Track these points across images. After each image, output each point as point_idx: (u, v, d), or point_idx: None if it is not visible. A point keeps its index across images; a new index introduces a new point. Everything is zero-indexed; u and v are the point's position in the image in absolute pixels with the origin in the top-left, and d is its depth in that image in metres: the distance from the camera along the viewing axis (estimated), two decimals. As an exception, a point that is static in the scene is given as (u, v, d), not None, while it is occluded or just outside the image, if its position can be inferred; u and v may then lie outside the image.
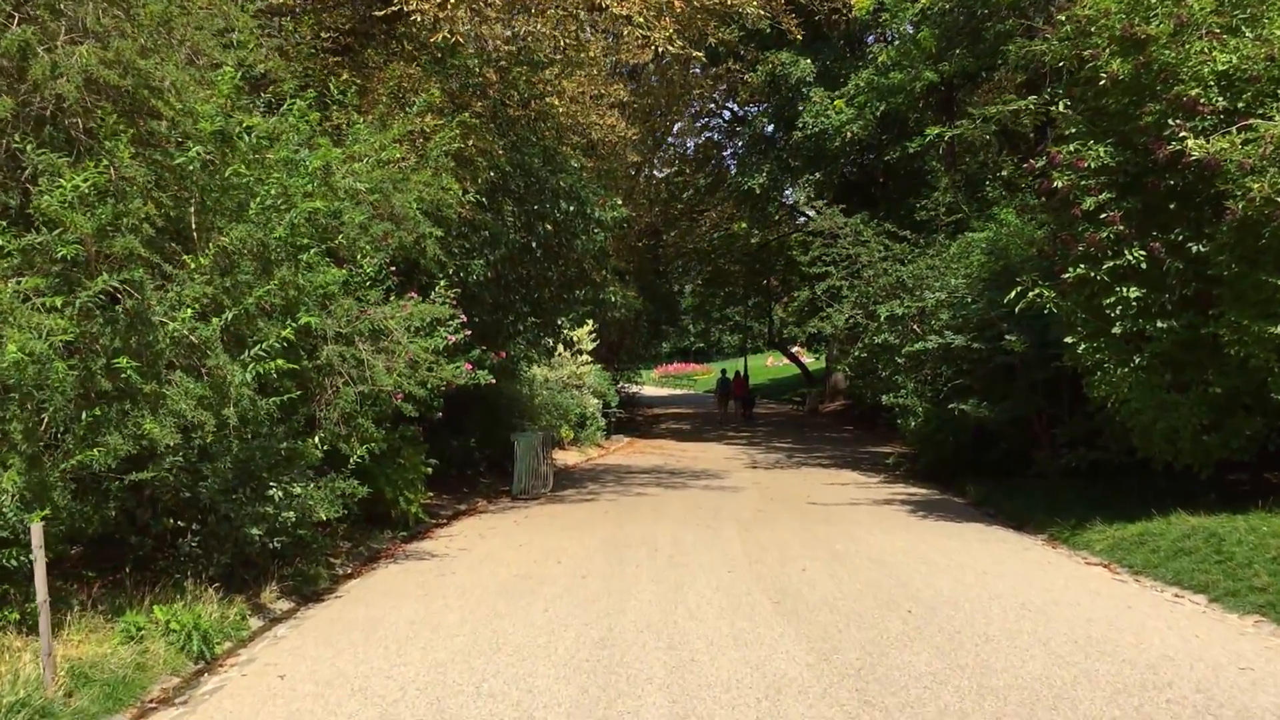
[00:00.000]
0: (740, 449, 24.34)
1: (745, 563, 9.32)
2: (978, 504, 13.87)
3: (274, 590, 7.95)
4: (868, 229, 18.14)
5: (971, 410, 14.37)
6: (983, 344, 14.50)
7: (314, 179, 7.66)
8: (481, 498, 14.87)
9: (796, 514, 12.78)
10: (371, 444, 9.03)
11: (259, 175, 6.80)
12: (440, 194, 9.44)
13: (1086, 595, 7.93)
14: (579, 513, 13.16)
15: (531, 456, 15.01)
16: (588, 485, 16.63)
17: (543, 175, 13.53)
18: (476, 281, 12.82)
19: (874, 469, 18.87)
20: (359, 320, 8.63)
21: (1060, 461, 14.05)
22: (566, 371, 24.74)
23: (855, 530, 11.31)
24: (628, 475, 18.26)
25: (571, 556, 9.77)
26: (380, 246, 9.06)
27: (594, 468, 20.22)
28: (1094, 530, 10.40)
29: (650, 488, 16.10)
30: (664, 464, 20.57)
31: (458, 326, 11.18)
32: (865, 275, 17.86)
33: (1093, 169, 10.11)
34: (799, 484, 16.52)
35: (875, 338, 17.21)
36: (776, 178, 23.70)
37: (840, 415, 36.25)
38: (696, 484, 16.61)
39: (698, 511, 13.06)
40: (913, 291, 17.11)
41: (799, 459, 21.40)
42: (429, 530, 11.75)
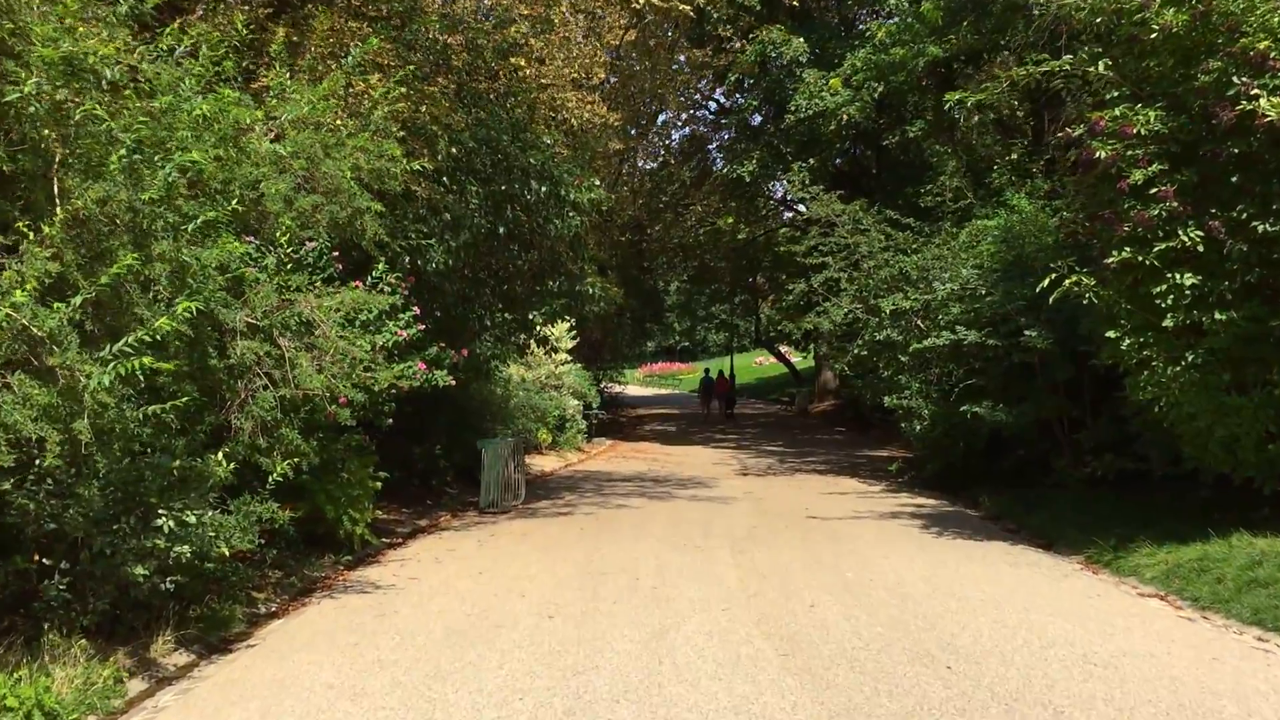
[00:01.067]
0: (729, 453, 22.96)
1: (742, 596, 7.91)
2: (995, 517, 12.51)
3: (169, 640, 6.49)
4: (868, 216, 16.78)
5: (986, 413, 13.02)
6: (998, 340, 13.15)
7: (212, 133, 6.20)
8: (446, 511, 13.42)
9: (796, 530, 11.39)
10: (298, 458, 7.59)
11: (127, 123, 5.32)
12: (382, 162, 7.97)
13: (1157, 641, 6.56)
14: (552, 530, 11.73)
15: (501, 465, 13.57)
16: (564, 495, 15.19)
17: (511, 152, 12.09)
18: (436, 270, 11.37)
19: (874, 475, 17.51)
20: (281, 311, 7.17)
21: (1084, 470, 12.74)
22: (544, 371, 23.31)
23: (865, 551, 9.93)
24: (608, 483, 16.83)
25: (538, 588, 8.34)
26: (308, 224, 7.59)
27: (573, 475, 18.79)
28: (1140, 553, 9.04)
29: (632, 498, 14.68)
30: (648, 470, 19.16)
31: (409, 320, 9.74)
32: (865, 266, 16.49)
33: (1141, 136, 8.75)
34: (794, 493, 15.13)
35: (876, 334, 15.85)
36: (767, 165, 22.30)
37: (831, 416, 34.97)
38: (683, 493, 15.20)
39: (685, 528, 11.65)
40: (917, 284, 15.76)
41: (791, 464, 20.03)
42: (379, 553, 10.30)
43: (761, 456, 21.89)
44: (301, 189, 7.67)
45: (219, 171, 7.05)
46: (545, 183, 12.06)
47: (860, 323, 16.39)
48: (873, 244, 16.49)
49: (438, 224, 11.58)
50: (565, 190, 12.22)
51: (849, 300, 16.29)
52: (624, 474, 18.49)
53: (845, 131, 21.01)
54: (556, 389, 23.64)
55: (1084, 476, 12.71)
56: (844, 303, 16.26)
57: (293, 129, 7.75)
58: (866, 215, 16.69)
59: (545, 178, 12.10)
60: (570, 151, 13.29)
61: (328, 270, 9.28)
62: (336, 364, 7.52)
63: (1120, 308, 9.14)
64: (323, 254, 9.42)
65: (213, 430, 7.12)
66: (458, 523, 12.55)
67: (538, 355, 22.44)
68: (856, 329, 16.59)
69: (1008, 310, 13.16)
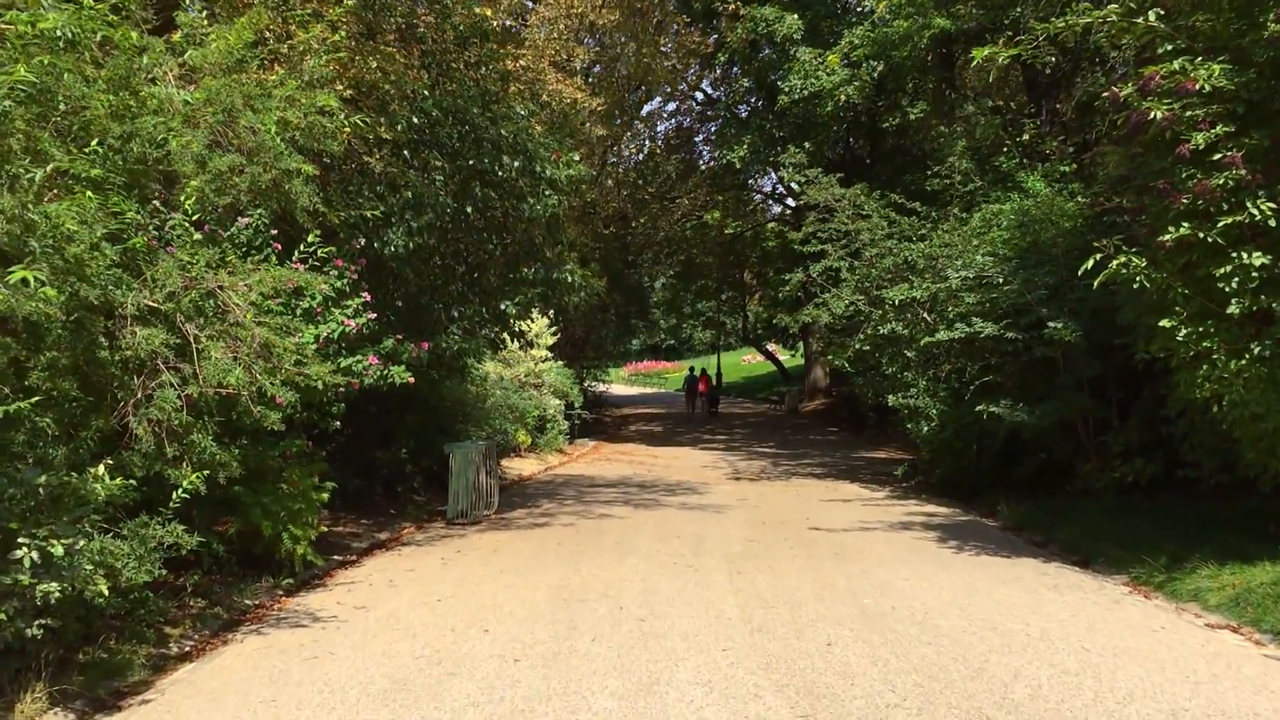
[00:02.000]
0: (718, 454, 21.75)
1: (745, 631, 6.69)
2: (1016, 528, 11.34)
3: (40, 697, 5.22)
4: (869, 200, 15.57)
5: (1005, 413, 11.84)
6: (1018, 333, 11.98)
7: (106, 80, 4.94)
8: (411, 523, 12.16)
9: (799, 545, 10.18)
10: (215, 469, 6.33)
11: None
12: (316, 118, 6.70)
13: (1254, 693, 5.37)
14: (526, 545, 10.48)
15: (472, 472, 12.30)
16: (542, 503, 13.94)
17: (481, 124, 10.83)
18: (395, 254, 10.11)
19: (876, 480, 16.33)
20: (189, 292, 5.90)
21: (1112, 476, 11.59)
22: (524, 369, 22.05)
23: (880, 571, 8.72)
24: (591, 489, 15.60)
25: (505, 620, 7.10)
26: (226, 189, 6.31)
27: (553, 479, 17.54)
28: (1199, 574, 7.88)
29: (616, 506, 13.44)
30: (633, 474, 17.93)
31: (359, 307, 8.48)
32: (867, 255, 15.30)
33: (1203, 94, 7.58)
34: (793, 500, 13.93)
35: (880, 327, 14.67)
36: (759, 150, 21.08)
37: (823, 415, 33.86)
38: (671, 501, 13.98)
39: (675, 542, 10.43)
40: (924, 273, 14.58)
41: (786, 467, 18.83)
42: (327, 574, 9.03)
43: (753, 459, 20.70)
44: (219, 146, 6.41)
45: (114, 124, 5.79)
46: (518, 157, 10.81)
47: (862, 315, 15.20)
48: (874, 231, 15.30)
49: (397, 202, 10.32)
50: (540, 166, 10.97)
51: (850, 291, 15.09)
52: (608, 478, 17.26)
53: (842, 114, 19.80)
54: (537, 388, 22.38)
55: (1111, 483, 11.58)
56: (845, 294, 15.06)
57: (210, 77, 6.48)
58: (868, 200, 15.50)
59: (518, 152, 10.85)
60: (547, 127, 12.01)
61: (265, 251, 8.03)
62: (259, 356, 6.26)
63: (1176, 292, 7.96)
64: (258, 231, 8.16)
65: (103, 437, 5.85)
66: (422, 536, 11.29)
67: (514, 351, 21.18)
68: (858, 322, 15.40)
69: (1027, 300, 12.00)
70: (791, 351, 51.24)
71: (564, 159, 11.19)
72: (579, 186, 12.30)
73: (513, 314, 11.33)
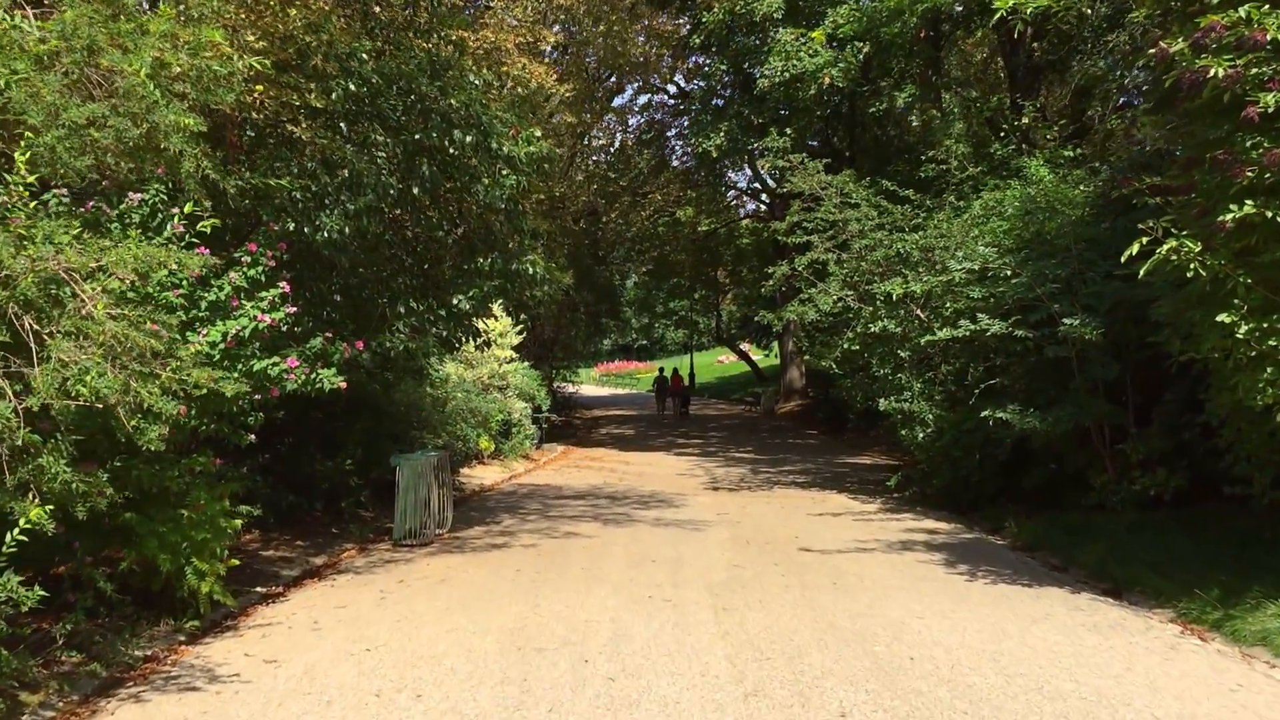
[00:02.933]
0: (694, 460, 20.53)
1: (737, 696, 5.45)
2: (1028, 548, 10.20)
3: None
4: (858, 188, 14.40)
5: (1015, 419, 10.69)
6: (1027, 331, 10.84)
7: None
8: (353, 544, 10.83)
9: (791, 571, 8.97)
10: (70, 500, 5.02)
11: None
12: (203, 60, 5.40)
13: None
14: (480, 572, 9.21)
15: (423, 487, 10.98)
16: (503, 519, 12.65)
17: (429, 94, 9.54)
18: (329, 241, 8.80)
19: (865, 490, 15.17)
20: (24, 276, 4.58)
21: (1131, 489, 10.49)
22: (487, 370, 20.73)
23: (889, 607, 7.53)
24: (556, 502, 14.33)
25: (445, 679, 5.83)
26: (85, 147, 4.99)
27: (516, 490, 16.25)
28: (1265, 612, 6.75)
29: (584, 522, 12.18)
30: (603, 483, 16.68)
31: (277, 300, 7.17)
32: (855, 247, 14.13)
33: (1276, 47, 6.44)
34: (778, 514, 12.73)
35: (871, 325, 13.50)
36: (736, 139, 19.86)
37: (800, 417, 32.82)
38: (645, 515, 12.74)
39: (649, 568, 9.19)
40: (918, 266, 13.43)
41: (767, 474, 17.65)
42: (242, 613, 7.70)
43: (731, 465, 19.50)
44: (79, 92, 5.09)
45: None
46: (471, 131, 9.52)
47: (851, 312, 14.03)
48: (864, 221, 14.13)
49: (332, 182, 9.01)
50: (497, 142, 9.69)
51: (838, 286, 13.92)
52: (576, 488, 16.00)
53: (826, 97, 18.63)
54: (501, 390, 21.08)
55: (1131, 496, 10.48)
56: (833, 288, 13.88)
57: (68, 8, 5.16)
58: (856, 187, 14.32)
59: (471, 125, 9.56)
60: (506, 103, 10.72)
61: (164, 232, 6.70)
62: (133, 358, 4.95)
63: (1236, 282, 6.81)
64: (156, 211, 6.84)
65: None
66: (363, 561, 9.97)
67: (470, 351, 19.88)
68: (846, 320, 14.23)
69: (1037, 295, 10.86)
70: (766, 351, 50.24)
71: (524, 135, 9.91)
72: (541, 166, 11.01)
73: (467, 309, 10.02)
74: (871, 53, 17.52)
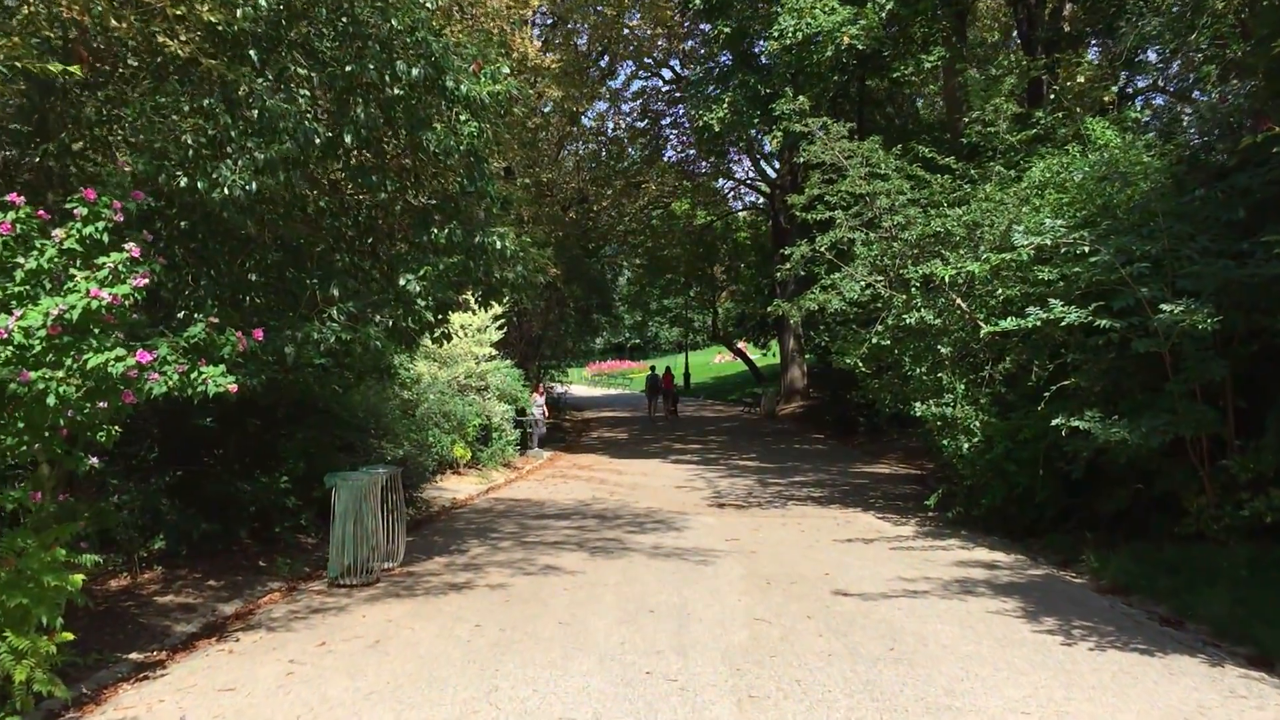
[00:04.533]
0: (693, 469, 18.47)
1: None
2: (1119, 590, 8.18)
3: None
4: (887, 157, 12.34)
5: (1098, 430, 8.64)
6: (1112, 321, 8.80)
7: None
8: (281, 581, 8.76)
9: (830, 628, 6.93)
10: None
11: None
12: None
13: None
14: (428, 629, 7.15)
15: (367, 513, 8.88)
16: (470, 545, 10.60)
17: (364, 17, 7.47)
18: (229, 201, 6.73)
19: (893, 506, 13.14)
20: None
21: (1239, 514, 8.49)
22: (463, 370, 18.66)
23: (976, 691, 5.48)
24: (537, 522, 12.27)
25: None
26: None
27: (492, 506, 14.18)
28: None
29: (567, 551, 10.14)
30: (592, 498, 14.63)
31: (120, 269, 5.11)
32: (885, 226, 12.09)
33: None
34: (799, 541, 10.69)
35: (905, 316, 11.45)
36: (741, 111, 17.76)
37: (803, 419, 30.83)
38: (640, 542, 10.69)
39: (647, 625, 7.14)
40: (958, 248, 11.41)
41: (777, 486, 15.61)
42: (92, 702, 5.62)
43: (735, 475, 17.45)
44: None
45: None
46: (419, 64, 7.45)
47: (880, 301, 11.99)
48: (894, 195, 12.08)
49: (237, 125, 6.95)
50: (452, 79, 7.62)
51: (866, 270, 11.87)
52: (560, 505, 13.95)
53: (844, 61, 16.54)
54: (480, 391, 19.02)
55: (1237, 523, 8.47)
56: (860, 273, 11.83)
57: None
58: (886, 156, 12.27)
59: (419, 56, 7.50)
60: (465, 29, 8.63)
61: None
62: None
63: None
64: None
65: None
66: (284, 609, 7.89)
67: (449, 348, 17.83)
68: (874, 311, 12.20)
69: (1119, 277, 8.83)
70: (764, 351, 48.16)
71: (488, 71, 7.84)
72: (510, 111, 8.94)
73: (417, 292, 7.93)
74: (896, 7, 15.46)
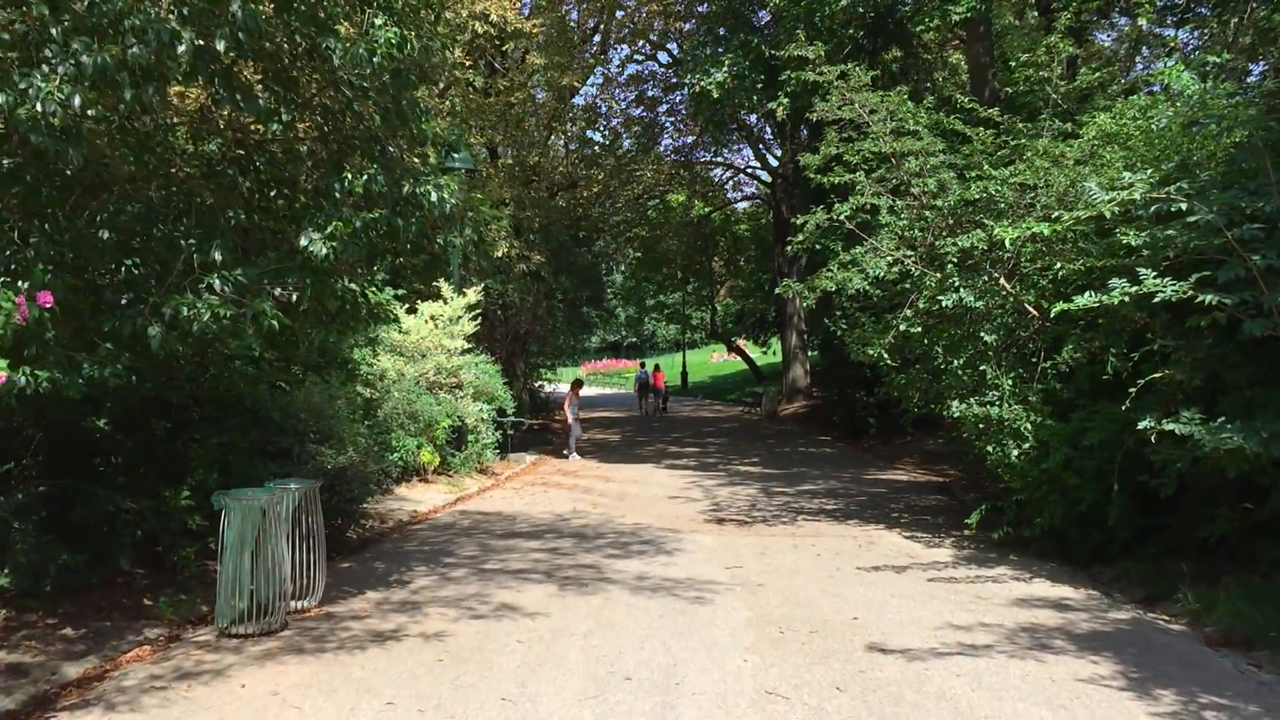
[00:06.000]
0: (689, 476, 16.56)
1: None
2: (1239, 643, 6.28)
3: None
4: (919, 111, 10.44)
5: (1203, 435, 6.74)
6: (1219, 297, 6.91)
7: None
8: (162, 628, 6.85)
9: (871, 711, 5.03)
10: None
11: None
12: None
13: None
14: (320, 711, 5.25)
15: (273, 543, 6.93)
16: (414, 575, 8.69)
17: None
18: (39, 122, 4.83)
19: (920, 522, 11.24)
20: None
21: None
22: (432, 365, 16.74)
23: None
24: (504, 542, 10.37)
25: None
26: None
27: (455, 521, 12.27)
28: None
29: (531, 584, 8.24)
30: (572, 511, 12.73)
31: None
32: (916, 191, 10.20)
33: None
34: (815, 569, 8.79)
35: (941, 298, 9.55)
36: (743, 74, 15.83)
37: (806, 419, 28.98)
38: (623, 571, 8.79)
39: (620, 701, 5.25)
40: (1005, 215, 9.52)
41: (784, 497, 13.71)
42: None
43: (736, 482, 15.55)
44: None
45: None
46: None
47: (910, 280, 10.10)
48: (925, 157, 10.19)
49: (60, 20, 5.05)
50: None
51: (892, 242, 9.97)
52: (535, 520, 12.05)
53: (860, 10, 14.56)
54: (454, 389, 17.09)
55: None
56: (887, 245, 9.92)
57: None
58: (917, 110, 10.37)
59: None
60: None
61: None
62: None
63: None
64: None
65: None
66: (144, 674, 5.97)
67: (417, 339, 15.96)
68: (902, 293, 10.30)
69: (1226, 241, 6.95)
70: (764, 349, 46.21)
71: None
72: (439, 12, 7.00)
73: (323, 255, 6.03)
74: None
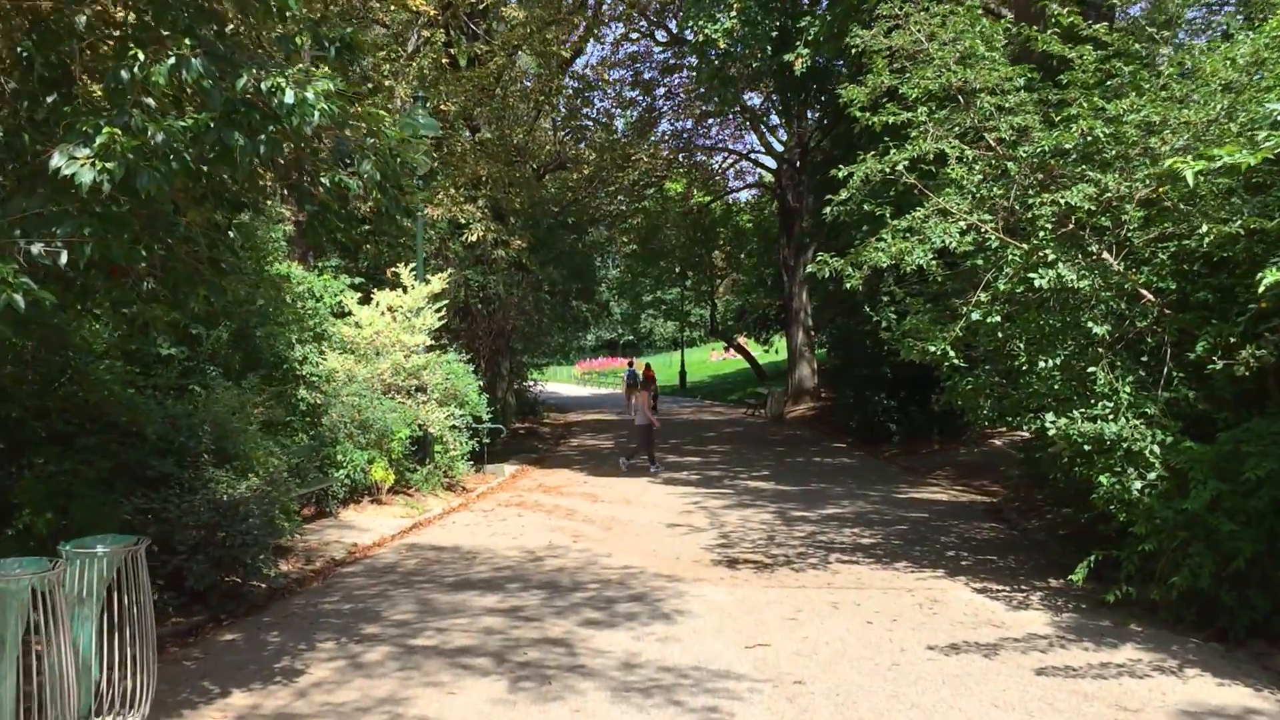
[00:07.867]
0: (692, 494, 14.06)
1: None
2: None
3: None
4: (992, 35, 7.96)
5: None
6: None
7: None
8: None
9: None
10: None
11: None
12: None
13: None
14: None
15: (64, 639, 4.49)
16: (307, 663, 6.21)
17: None
18: None
19: (984, 562, 8.76)
20: None
21: None
22: (389, 365, 14.24)
23: None
24: (447, 602, 7.88)
25: None
26: None
27: (399, 561, 9.77)
28: None
29: (472, 677, 5.76)
30: (549, 545, 10.25)
31: None
32: (992, 138, 7.73)
33: None
34: (870, 650, 6.31)
35: (1035, 277, 7.06)
36: (755, 19, 13.27)
37: (814, 423, 26.60)
38: (605, 652, 6.32)
39: None
40: (1114, 165, 7.06)
41: (807, 525, 11.23)
42: None
43: (747, 502, 13.08)
44: None
45: None
46: None
47: (985, 255, 7.62)
48: (1005, 94, 7.71)
49: None
50: None
51: (966, 204, 7.48)
52: (499, 558, 9.57)
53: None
54: (416, 392, 14.60)
55: None
56: (958, 207, 7.43)
57: None
58: (994, 26, 7.89)
59: None
60: None
61: None
62: None
63: None
64: None
65: None
66: None
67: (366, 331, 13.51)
68: (973, 270, 7.82)
69: None
70: (766, 347, 43.73)
71: None
72: None
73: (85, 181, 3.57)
74: None
